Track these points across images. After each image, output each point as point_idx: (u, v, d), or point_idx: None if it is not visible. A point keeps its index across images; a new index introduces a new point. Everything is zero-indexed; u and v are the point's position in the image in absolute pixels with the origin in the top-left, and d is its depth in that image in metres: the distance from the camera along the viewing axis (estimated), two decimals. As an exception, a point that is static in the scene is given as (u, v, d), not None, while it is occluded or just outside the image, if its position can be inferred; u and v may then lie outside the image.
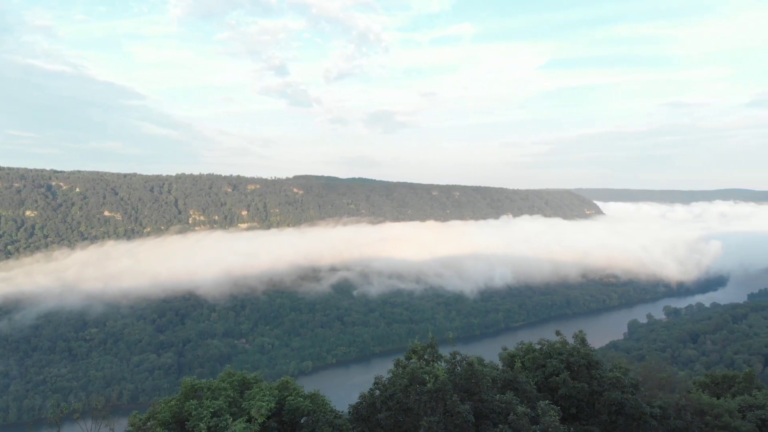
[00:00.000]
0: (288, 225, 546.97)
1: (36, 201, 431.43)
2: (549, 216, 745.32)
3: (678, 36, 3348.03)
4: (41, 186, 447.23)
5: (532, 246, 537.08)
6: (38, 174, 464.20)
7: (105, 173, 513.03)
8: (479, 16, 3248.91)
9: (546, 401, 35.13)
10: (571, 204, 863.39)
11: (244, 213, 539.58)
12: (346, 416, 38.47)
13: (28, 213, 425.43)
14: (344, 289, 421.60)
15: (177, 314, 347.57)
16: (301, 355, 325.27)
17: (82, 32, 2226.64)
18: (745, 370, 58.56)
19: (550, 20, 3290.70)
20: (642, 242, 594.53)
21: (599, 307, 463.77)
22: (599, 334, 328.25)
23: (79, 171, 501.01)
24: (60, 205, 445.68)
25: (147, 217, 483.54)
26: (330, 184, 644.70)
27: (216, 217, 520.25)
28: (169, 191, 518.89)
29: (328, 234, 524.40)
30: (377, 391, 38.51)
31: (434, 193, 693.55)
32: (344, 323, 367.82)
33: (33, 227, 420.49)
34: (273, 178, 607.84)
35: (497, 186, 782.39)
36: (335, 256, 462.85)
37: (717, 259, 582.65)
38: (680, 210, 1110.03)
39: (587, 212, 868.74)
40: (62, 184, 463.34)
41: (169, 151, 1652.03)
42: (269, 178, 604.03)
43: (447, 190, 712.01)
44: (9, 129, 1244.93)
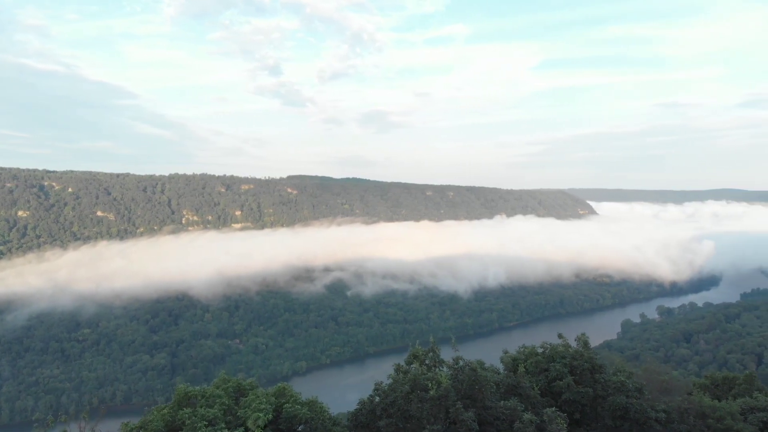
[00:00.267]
0: (282, 225, 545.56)
1: (28, 201, 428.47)
2: (542, 216, 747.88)
3: (671, 37, 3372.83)
4: (33, 186, 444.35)
5: (526, 246, 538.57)
6: (30, 174, 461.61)
7: (98, 173, 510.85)
8: (473, 17, 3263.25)
9: (552, 408, 34.14)
10: (565, 204, 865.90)
11: (238, 213, 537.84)
12: (345, 423, 37.63)
13: (21, 213, 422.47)
14: (338, 290, 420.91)
15: (170, 315, 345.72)
16: (295, 356, 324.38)
17: (75, 31, 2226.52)
18: (746, 372, 58.03)
19: (544, 21, 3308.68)
20: (635, 242, 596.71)
21: (593, 307, 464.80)
22: (593, 334, 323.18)
23: (72, 171, 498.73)
24: (52, 206, 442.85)
25: (140, 218, 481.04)
26: (324, 184, 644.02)
27: (209, 217, 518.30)
28: (162, 191, 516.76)
29: (322, 234, 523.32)
30: (377, 398, 37.55)
31: (428, 193, 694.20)
32: (338, 323, 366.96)
33: (25, 227, 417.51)
34: (267, 178, 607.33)
35: (491, 186, 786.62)
36: (329, 257, 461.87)
37: (709, 259, 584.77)
38: (673, 210, 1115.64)
39: (580, 212, 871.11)
40: (55, 184, 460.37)
41: (163, 151, 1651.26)
42: (263, 178, 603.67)
43: (441, 190, 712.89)
44: (1, 129, 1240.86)
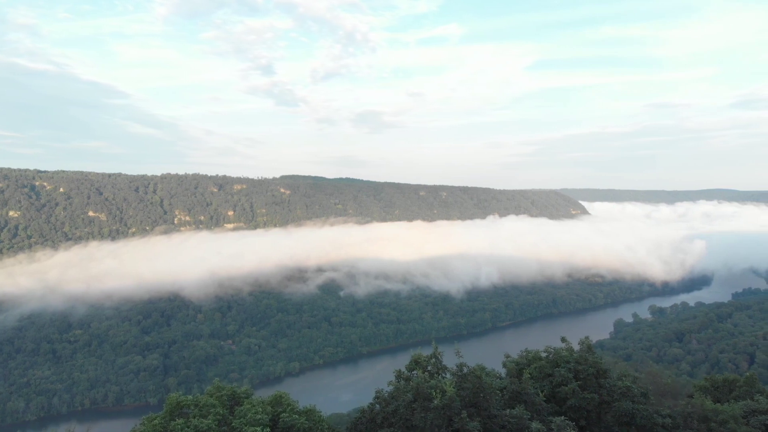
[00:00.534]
0: (274, 225, 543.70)
1: (19, 201, 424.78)
2: (535, 216, 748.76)
3: (663, 37, 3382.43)
4: (25, 186, 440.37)
5: (519, 246, 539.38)
6: (21, 174, 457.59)
7: (89, 173, 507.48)
8: (466, 17, 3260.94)
9: (562, 417, 33.29)
10: (557, 204, 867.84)
11: (230, 213, 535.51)
12: None
13: (12, 213, 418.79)
14: (331, 290, 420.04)
15: (162, 315, 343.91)
16: (288, 356, 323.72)
17: (67, 31, 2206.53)
18: (746, 374, 57.76)
19: (538, 21, 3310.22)
20: (627, 242, 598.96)
21: (585, 307, 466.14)
22: (585, 334, 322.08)
23: (63, 171, 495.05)
24: (44, 206, 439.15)
25: (132, 218, 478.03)
26: (317, 184, 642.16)
27: (202, 218, 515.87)
28: (155, 191, 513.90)
29: (315, 234, 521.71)
30: (377, 406, 36.55)
31: (421, 194, 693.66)
32: (331, 324, 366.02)
33: (16, 228, 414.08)
34: (259, 178, 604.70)
35: (484, 186, 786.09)
36: (322, 257, 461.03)
37: (701, 259, 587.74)
38: (665, 210, 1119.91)
39: (573, 212, 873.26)
40: (46, 184, 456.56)
41: (155, 151, 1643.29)
42: (256, 178, 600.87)
43: (434, 191, 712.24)
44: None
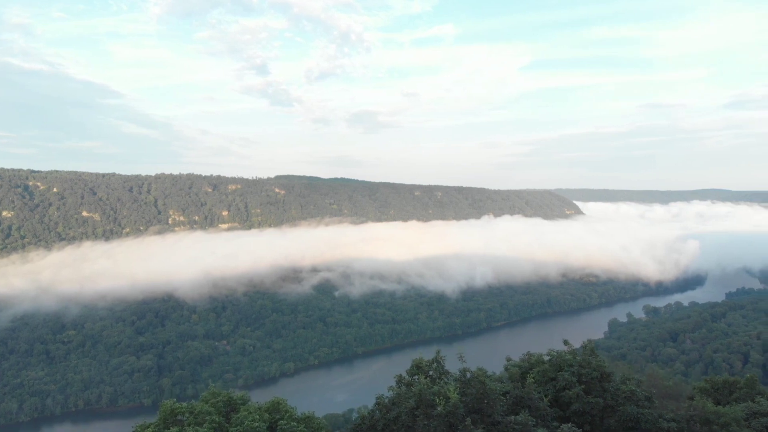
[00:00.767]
0: (269, 225, 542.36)
1: (13, 201, 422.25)
2: (529, 216, 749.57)
3: (657, 38, 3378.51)
4: (18, 186, 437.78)
5: (513, 246, 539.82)
6: (15, 174, 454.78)
7: (83, 173, 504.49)
8: (461, 17, 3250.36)
9: (569, 424, 32.70)
10: (552, 204, 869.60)
11: (225, 213, 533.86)
12: None
13: (5, 213, 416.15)
14: (326, 290, 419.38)
15: (156, 316, 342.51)
16: (283, 357, 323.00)
17: (61, 30, 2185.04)
18: (747, 376, 57.50)
19: (533, 21, 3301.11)
20: (621, 242, 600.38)
21: (579, 307, 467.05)
22: (580, 333, 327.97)
23: (57, 171, 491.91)
24: (37, 206, 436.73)
25: (126, 218, 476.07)
26: (312, 184, 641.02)
27: (196, 218, 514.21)
28: (149, 191, 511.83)
29: (310, 234, 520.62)
30: (378, 412, 35.81)
31: (416, 194, 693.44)
32: (326, 324, 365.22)
33: (9, 228, 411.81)
34: (254, 178, 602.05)
35: (479, 186, 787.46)
36: (317, 257, 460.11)
37: (695, 259, 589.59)
38: (659, 210, 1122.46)
39: (567, 212, 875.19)
40: (39, 184, 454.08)
41: (149, 151, 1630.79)
42: (250, 178, 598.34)
43: (429, 191, 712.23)
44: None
